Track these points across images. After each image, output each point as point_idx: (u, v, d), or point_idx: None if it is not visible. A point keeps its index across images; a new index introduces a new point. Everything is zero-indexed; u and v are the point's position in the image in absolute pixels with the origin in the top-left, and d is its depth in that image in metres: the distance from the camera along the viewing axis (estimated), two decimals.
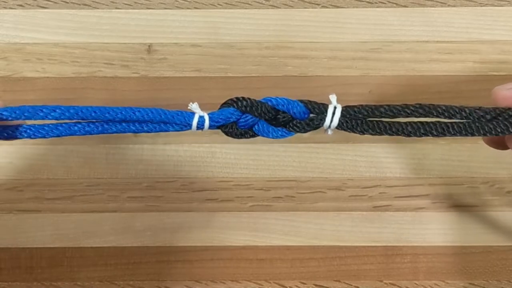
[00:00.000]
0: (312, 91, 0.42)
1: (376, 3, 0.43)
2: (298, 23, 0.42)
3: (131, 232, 0.41)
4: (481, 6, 0.42)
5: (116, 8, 0.43)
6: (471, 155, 0.41)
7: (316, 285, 0.41)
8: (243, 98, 0.27)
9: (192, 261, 0.41)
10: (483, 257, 0.41)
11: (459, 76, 0.42)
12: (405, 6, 0.43)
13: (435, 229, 0.41)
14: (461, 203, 0.41)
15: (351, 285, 0.41)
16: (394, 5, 0.43)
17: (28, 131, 0.27)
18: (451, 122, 0.27)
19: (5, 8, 0.43)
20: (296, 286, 0.41)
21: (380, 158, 0.41)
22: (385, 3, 0.43)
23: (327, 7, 0.43)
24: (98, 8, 0.43)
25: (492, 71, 0.42)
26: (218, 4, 0.43)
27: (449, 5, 0.43)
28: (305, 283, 0.41)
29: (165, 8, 0.43)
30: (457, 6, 0.42)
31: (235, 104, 0.27)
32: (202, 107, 0.41)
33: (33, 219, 0.41)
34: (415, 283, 0.41)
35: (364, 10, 0.43)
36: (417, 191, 0.41)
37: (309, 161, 0.41)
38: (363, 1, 0.43)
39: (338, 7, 0.43)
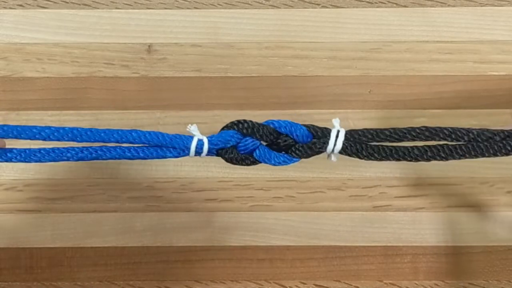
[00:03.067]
0: (312, 91, 0.42)
1: (376, 3, 0.43)
2: (298, 23, 0.42)
3: (131, 232, 0.41)
4: (481, 6, 0.42)
5: (116, 8, 0.43)
6: None
7: (316, 285, 0.41)
8: (244, 120, 0.27)
9: (192, 261, 0.41)
10: (483, 257, 0.41)
11: (459, 76, 0.42)
12: (405, 6, 0.43)
13: (435, 229, 0.41)
14: (460, 203, 0.41)
15: (351, 285, 0.41)
16: (394, 5, 0.43)
17: (22, 154, 0.26)
18: (458, 144, 0.26)
19: (5, 8, 0.43)
20: (296, 286, 0.41)
21: None
22: (385, 3, 0.43)
23: (327, 7, 0.43)
24: (98, 8, 0.43)
25: (492, 71, 0.42)
26: (218, 4, 0.43)
27: (449, 5, 0.43)
28: (305, 283, 0.41)
29: (165, 8, 0.43)
30: (457, 6, 0.42)
31: (235, 127, 0.27)
32: (202, 107, 0.42)
33: (33, 219, 0.41)
34: (415, 283, 0.41)
35: (364, 10, 0.43)
36: (417, 191, 0.41)
37: (309, 161, 0.41)
38: (363, 1, 0.43)
39: (338, 7, 0.43)
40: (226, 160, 0.27)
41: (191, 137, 0.26)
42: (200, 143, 0.26)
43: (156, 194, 0.41)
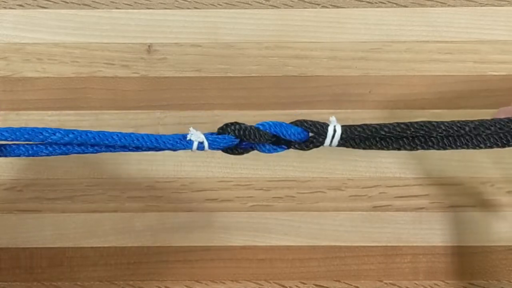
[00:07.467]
0: (312, 91, 0.42)
1: (376, 3, 0.43)
2: (298, 23, 0.42)
3: (131, 232, 0.41)
4: (481, 6, 0.42)
5: (116, 8, 0.43)
6: (471, 155, 0.41)
7: (316, 285, 0.41)
8: (236, 123, 0.27)
9: (192, 261, 0.41)
10: (483, 257, 0.41)
11: (459, 76, 0.42)
12: (405, 6, 0.43)
13: (435, 229, 0.41)
14: (460, 203, 0.41)
15: (351, 285, 0.41)
16: (394, 5, 0.43)
17: (30, 151, 0.27)
18: (457, 136, 0.27)
19: (5, 8, 0.43)
20: (296, 286, 0.41)
21: (380, 158, 0.41)
22: (385, 3, 0.43)
23: (327, 7, 0.43)
24: (98, 8, 0.43)
25: (492, 71, 0.42)
26: (218, 4, 0.43)
27: (449, 5, 0.43)
28: (305, 283, 0.41)
29: (165, 8, 0.43)
30: (457, 6, 0.42)
31: (229, 129, 0.27)
32: (202, 107, 0.42)
33: (33, 219, 0.41)
34: (415, 283, 0.41)
35: (364, 10, 0.43)
36: (417, 191, 0.41)
37: (309, 161, 0.41)
38: (363, 1, 0.43)
39: (338, 7, 0.43)
40: (228, 153, 0.28)
41: (191, 142, 0.27)
42: (201, 146, 0.27)
43: (156, 194, 0.41)
